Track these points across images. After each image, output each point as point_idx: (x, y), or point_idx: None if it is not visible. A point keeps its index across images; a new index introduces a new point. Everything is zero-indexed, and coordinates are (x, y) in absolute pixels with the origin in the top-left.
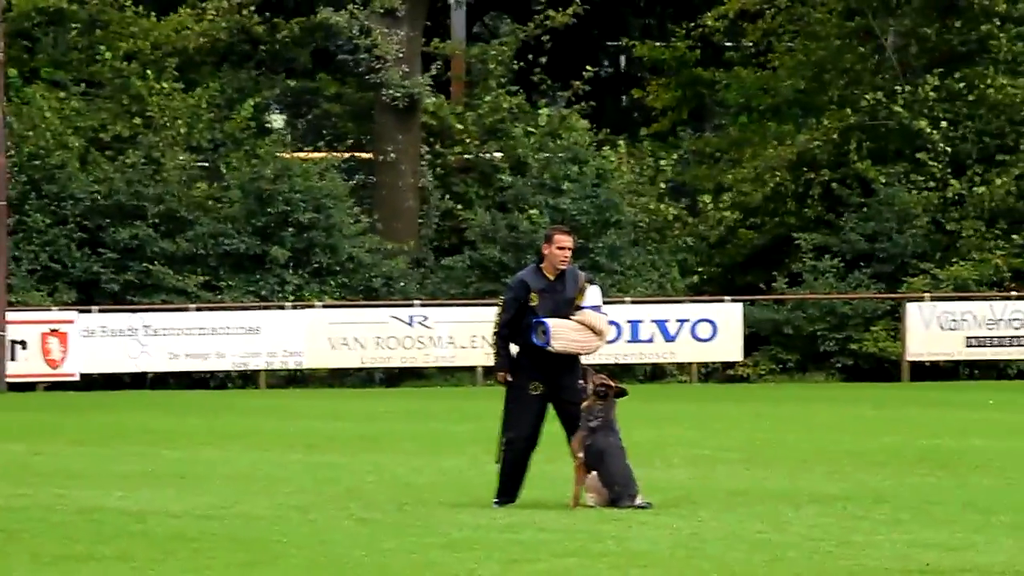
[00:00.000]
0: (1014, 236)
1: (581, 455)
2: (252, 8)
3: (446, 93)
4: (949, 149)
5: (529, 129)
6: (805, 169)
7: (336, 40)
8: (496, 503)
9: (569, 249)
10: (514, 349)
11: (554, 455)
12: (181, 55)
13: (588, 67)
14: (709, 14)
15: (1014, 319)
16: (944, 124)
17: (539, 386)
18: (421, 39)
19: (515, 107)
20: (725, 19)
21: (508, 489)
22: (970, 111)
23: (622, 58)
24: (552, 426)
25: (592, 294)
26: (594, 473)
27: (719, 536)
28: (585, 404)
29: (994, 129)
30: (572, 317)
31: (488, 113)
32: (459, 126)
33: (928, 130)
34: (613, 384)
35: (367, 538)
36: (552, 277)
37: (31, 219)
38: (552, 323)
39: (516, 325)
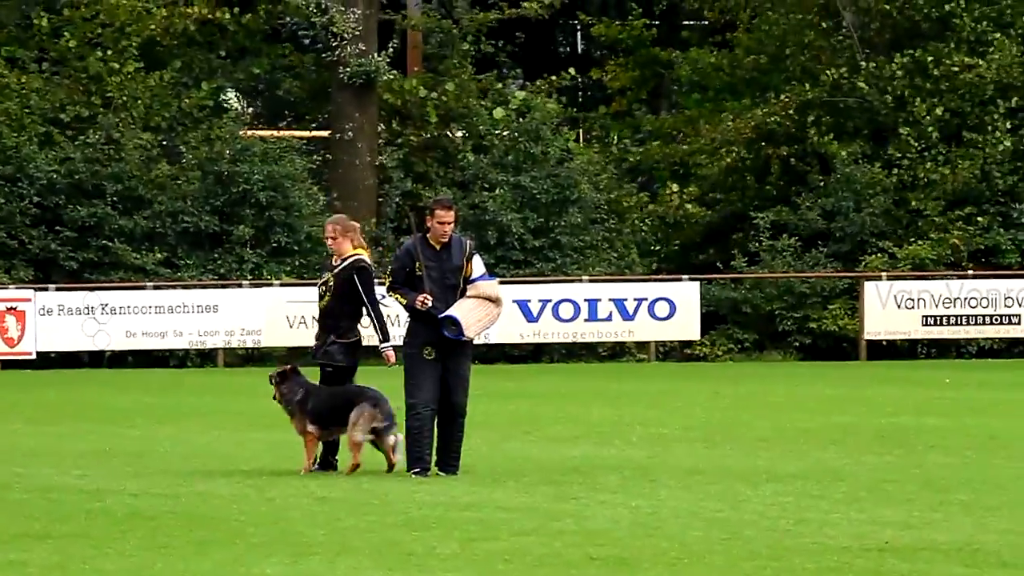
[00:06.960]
0: (979, 219)
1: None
2: None
3: (402, 70)
4: (911, 128)
5: (499, 110)
6: (763, 144)
7: (292, 19)
8: (414, 473)
9: (449, 224)
10: (403, 313)
11: (509, 434)
12: (144, 40)
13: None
14: None
15: (970, 298)
16: (909, 103)
17: (432, 351)
18: (377, 16)
19: (484, 89)
20: None
21: (420, 457)
22: (932, 89)
23: (579, 37)
24: (500, 406)
25: (477, 264)
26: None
27: (677, 515)
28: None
29: (957, 109)
30: (468, 293)
31: (454, 93)
32: (427, 108)
33: (893, 107)
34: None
35: (325, 516)
36: (438, 247)
37: None
38: (458, 313)
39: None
